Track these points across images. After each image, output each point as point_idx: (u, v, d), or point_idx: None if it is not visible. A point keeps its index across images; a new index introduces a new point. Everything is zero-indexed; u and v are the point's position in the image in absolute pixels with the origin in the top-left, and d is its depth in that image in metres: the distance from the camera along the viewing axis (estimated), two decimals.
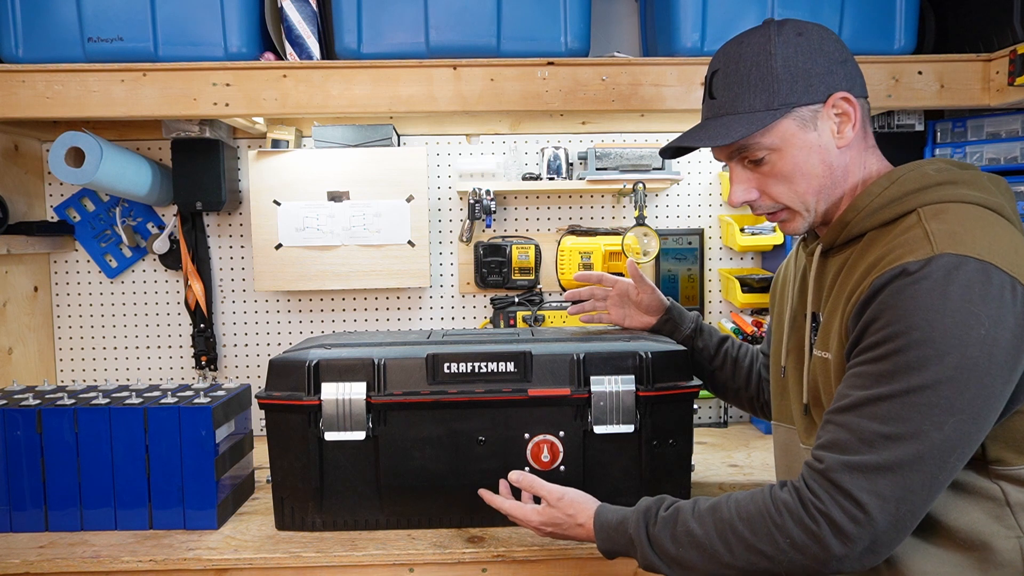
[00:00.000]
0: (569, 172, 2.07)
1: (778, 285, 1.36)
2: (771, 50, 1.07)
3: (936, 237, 0.94)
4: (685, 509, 1.06)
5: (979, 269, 0.91)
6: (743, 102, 1.08)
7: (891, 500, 0.90)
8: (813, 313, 1.15)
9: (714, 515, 1.03)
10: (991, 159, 1.77)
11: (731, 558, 0.99)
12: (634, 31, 2.02)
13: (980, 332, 0.89)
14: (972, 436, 0.91)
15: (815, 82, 1.06)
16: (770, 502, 0.98)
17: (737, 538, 0.99)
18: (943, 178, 1.03)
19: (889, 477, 0.90)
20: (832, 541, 0.92)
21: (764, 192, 1.12)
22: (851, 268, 1.06)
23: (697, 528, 1.03)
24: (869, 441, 0.92)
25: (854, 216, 1.07)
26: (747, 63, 1.08)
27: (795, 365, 1.20)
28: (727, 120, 1.09)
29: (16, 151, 1.96)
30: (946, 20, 1.79)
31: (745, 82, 1.08)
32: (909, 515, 0.92)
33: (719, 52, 1.14)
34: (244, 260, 2.12)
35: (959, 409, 0.89)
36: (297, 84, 1.58)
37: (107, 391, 1.52)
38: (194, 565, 1.31)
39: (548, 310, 2.10)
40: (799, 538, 0.94)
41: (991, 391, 0.90)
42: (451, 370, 1.38)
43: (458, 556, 1.32)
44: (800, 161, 1.08)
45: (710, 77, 1.13)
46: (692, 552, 1.02)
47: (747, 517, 0.99)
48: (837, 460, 0.93)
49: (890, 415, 0.91)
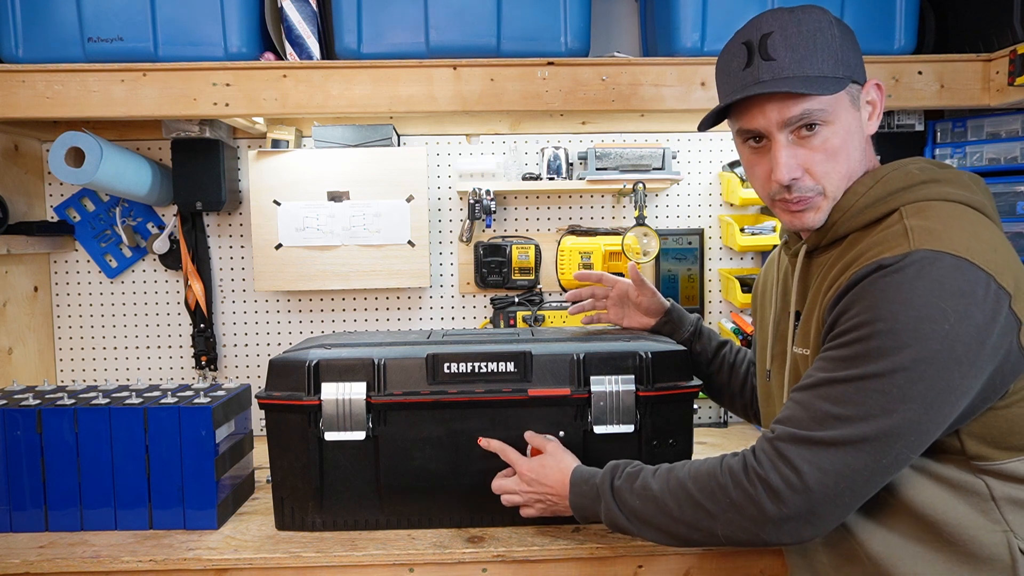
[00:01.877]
0: (569, 172, 2.07)
1: (758, 291, 1.37)
2: (831, 20, 1.05)
3: (914, 233, 0.95)
4: (648, 469, 1.15)
5: (954, 265, 0.92)
6: (811, 63, 1.03)
7: (830, 473, 0.94)
8: (796, 312, 1.15)
9: (670, 474, 1.10)
10: (991, 159, 1.77)
11: (679, 513, 1.06)
12: (634, 31, 2.02)
13: (944, 327, 0.90)
14: (922, 426, 0.93)
15: (860, 64, 1.08)
16: (718, 465, 1.04)
17: (685, 494, 1.05)
18: (927, 176, 1.03)
19: (831, 452, 0.94)
20: (767, 503, 0.96)
21: (808, 170, 1.07)
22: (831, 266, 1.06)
23: (654, 484, 1.10)
24: (820, 419, 0.95)
25: (839, 216, 1.07)
26: (810, 27, 1.04)
27: (779, 369, 1.21)
28: (795, 82, 1.02)
29: (16, 151, 1.96)
30: (946, 20, 1.79)
31: (810, 45, 1.03)
32: (848, 492, 0.94)
33: (762, 18, 1.06)
34: (244, 260, 2.12)
35: (910, 398, 0.91)
36: (297, 84, 1.58)
37: (107, 391, 1.52)
38: (194, 565, 1.31)
39: (548, 310, 2.10)
40: (737, 498, 0.99)
41: (948, 384, 0.91)
42: (451, 370, 1.38)
43: (458, 556, 1.32)
44: (847, 139, 1.06)
45: (760, 39, 1.05)
46: (648, 505, 1.09)
47: (696, 476, 1.06)
48: (786, 431, 0.98)
49: (843, 398, 0.94)
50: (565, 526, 1.41)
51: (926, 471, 0.99)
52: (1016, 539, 0.96)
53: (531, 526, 1.41)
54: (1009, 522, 0.97)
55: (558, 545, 1.34)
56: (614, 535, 1.35)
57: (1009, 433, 0.97)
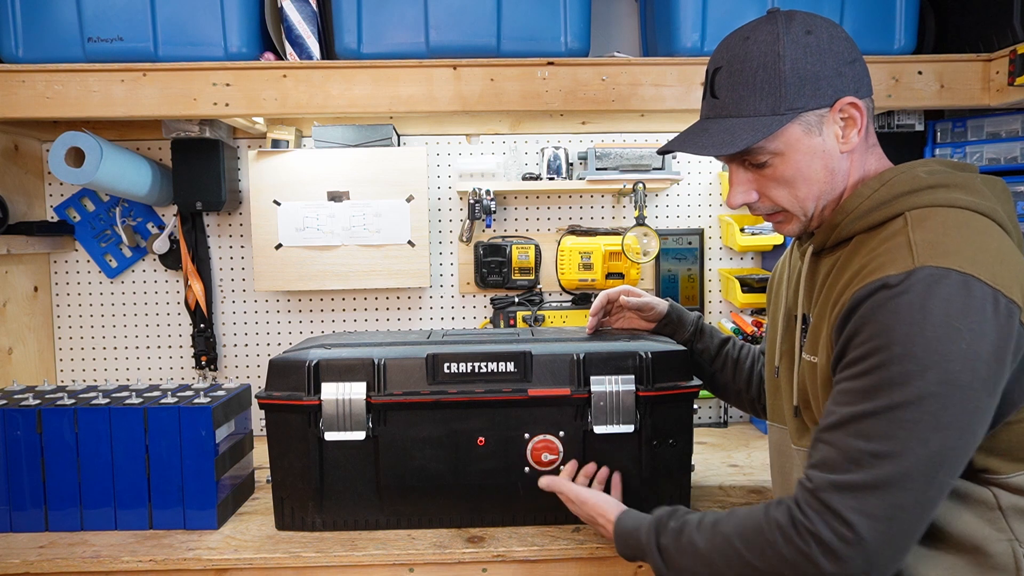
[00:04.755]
0: (569, 172, 2.07)
1: (773, 285, 1.36)
2: (779, 51, 1.02)
3: (918, 248, 0.93)
4: (692, 522, 1.08)
5: (960, 282, 0.90)
6: (748, 105, 1.04)
7: (881, 519, 0.89)
8: (803, 315, 1.15)
9: (715, 529, 1.04)
10: (991, 159, 1.77)
11: (728, 572, 1.00)
12: (634, 31, 2.02)
13: (961, 346, 0.88)
14: (959, 451, 0.90)
15: (823, 86, 1.03)
16: (763, 520, 0.98)
17: (734, 553, 0.99)
18: (934, 181, 1.01)
19: (877, 495, 0.89)
20: (822, 560, 0.91)
21: (764, 194, 1.10)
22: (839, 272, 1.05)
23: (699, 541, 1.04)
24: (856, 459, 0.91)
25: (843, 219, 1.06)
26: (753, 64, 1.04)
27: (787, 366, 1.20)
28: (730, 123, 1.05)
29: (16, 151, 1.96)
30: (946, 20, 1.79)
31: (750, 84, 1.04)
32: (901, 534, 0.90)
33: (721, 47, 1.09)
34: (244, 260, 2.12)
35: (944, 424, 0.88)
36: (297, 84, 1.58)
37: (107, 391, 1.52)
38: (194, 565, 1.31)
39: (548, 310, 2.10)
40: (790, 556, 0.94)
41: (976, 404, 0.89)
42: (451, 370, 1.38)
43: (458, 556, 1.32)
44: (803, 166, 1.06)
45: (712, 74, 1.09)
46: (696, 563, 1.04)
47: (743, 533, 1.00)
48: (825, 480, 0.93)
49: (875, 432, 0.90)
50: (565, 526, 1.41)
51: None
52: (1021, 548, 0.96)
53: (531, 526, 1.41)
54: (1015, 531, 0.97)
55: (558, 545, 1.34)
56: None
57: (1017, 447, 0.97)
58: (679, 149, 1.12)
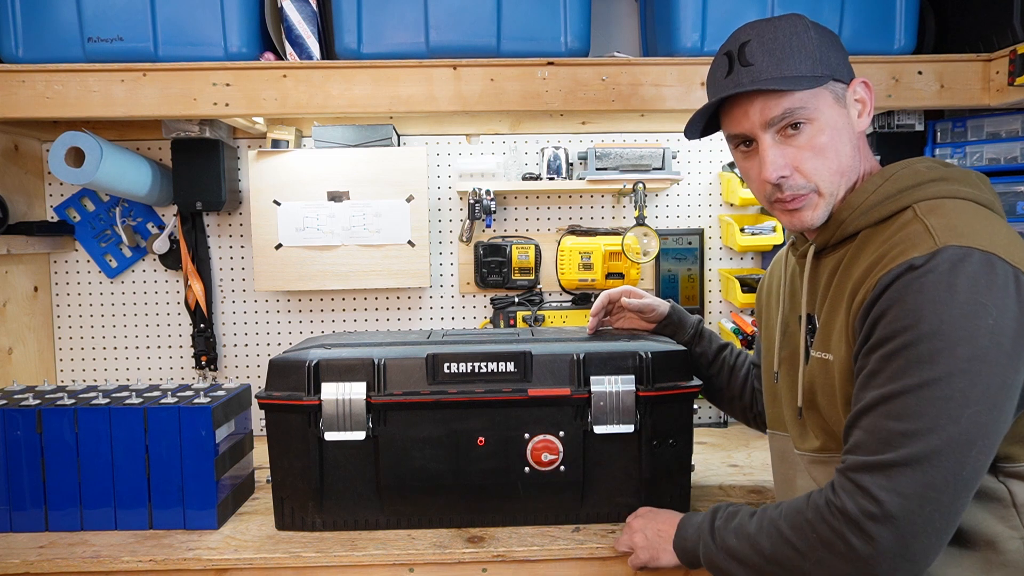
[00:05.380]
0: (569, 172, 2.07)
1: (763, 293, 1.36)
2: (807, 25, 1.07)
3: (937, 231, 0.95)
4: (747, 508, 1.12)
5: (984, 260, 0.91)
6: (788, 65, 1.05)
7: (912, 497, 0.89)
8: (808, 315, 1.15)
9: (765, 512, 1.07)
10: (991, 159, 1.77)
11: (771, 551, 1.02)
12: (634, 31, 2.02)
13: (988, 322, 0.89)
14: (990, 428, 0.90)
15: (842, 64, 1.08)
16: (805, 502, 1.01)
17: (777, 532, 1.02)
18: (936, 175, 1.04)
19: (907, 474, 0.89)
20: (853, 539, 0.92)
21: (797, 168, 1.08)
22: (848, 267, 1.05)
23: (750, 524, 1.07)
24: (887, 439, 0.92)
25: (849, 214, 1.07)
26: (785, 33, 1.07)
27: (788, 370, 1.20)
28: (771, 81, 1.05)
29: (16, 151, 1.96)
30: (946, 20, 1.79)
31: (787, 48, 1.06)
32: (935, 514, 0.89)
33: (742, 29, 1.10)
34: (244, 260, 2.12)
35: (974, 400, 0.88)
36: (297, 84, 1.58)
37: (107, 391, 1.52)
38: (194, 565, 1.31)
39: (548, 310, 2.10)
40: (824, 535, 0.95)
41: (1004, 380, 0.89)
42: (451, 370, 1.38)
43: (458, 556, 1.32)
44: (835, 135, 1.07)
45: (739, 48, 1.08)
46: (743, 543, 1.06)
47: (787, 515, 1.02)
48: (858, 461, 0.94)
49: (905, 411, 0.91)
50: (565, 526, 1.41)
51: None
52: None
53: (531, 526, 1.41)
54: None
55: (558, 545, 1.34)
56: (614, 535, 1.35)
57: None
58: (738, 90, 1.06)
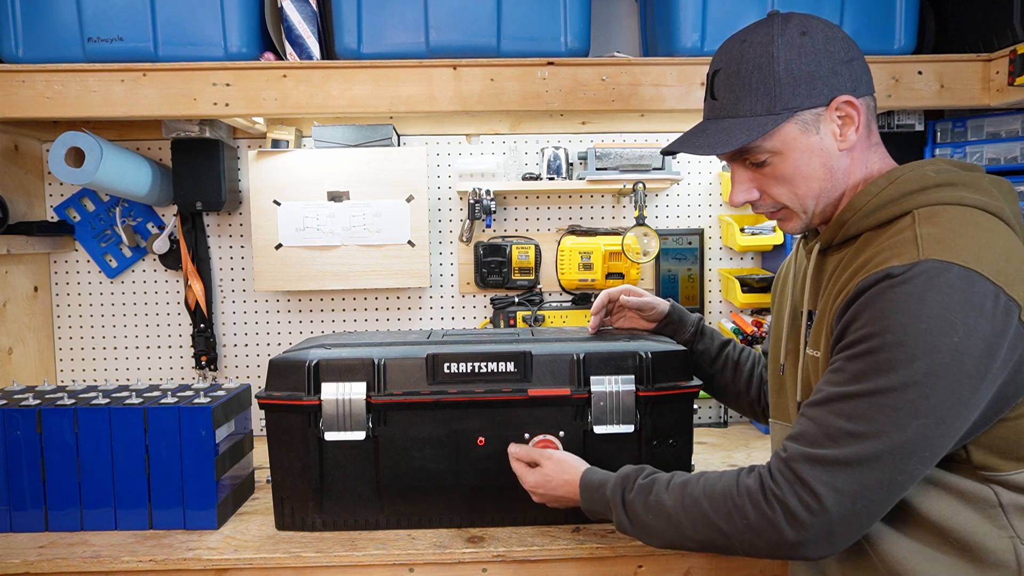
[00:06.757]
0: (569, 172, 2.07)
1: (779, 283, 1.36)
2: (773, 53, 1.05)
3: (924, 242, 0.95)
4: (661, 480, 1.12)
5: (962, 277, 0.91)
6: (744, 105, 1.07)
7: (847, 494, 0.93)
8: (809, 311, 1.15)
9: (684, 489, 1.08)
10: (991, 159, 1.77)
11: (692, 531, 1.05)
12: (634, 31, 2.02)
13: (953, 340, 0.90)
14: (935, 441, 0.92)
15: (818, 85, 1.05)
16: (734, 485, 1.03)
17: (700, 513, 1.04)
18: (942, 180, 1.02)
19: (847, 472, 0.93)
20: (785, 527, 0.96)
21: (765, 192, 1.12)
22: (844, 267, 1.06)
23: (667, 499, 1.09)
24: (833, 436, 0.95)
25: (851, 216, 1.07)
26: (749, 65, 1.07)
27: (793, 363, 1.21)
28: (728, 123, 1.08)
29: (16, 151, 1.96)
30: (946, 20, 1.79)
31: (747, 85, 1.07)
32: (864, 511, 0.94)
33: (721, 50, 1.13)
34: (244, 260, 2.12)
35: (923, 413, 0.91)
36: (297, 84, 1.58)
37: (107, 391, 1.52)
38: (194, 565, 1.31)
39: (548, 310, 2.10)
40: (755, 521, 0.98)
41: (959, 398, 0.91)
42: (451, 370, 1.38)
43: (458, 556, 1.32)
44: (801, 164, 1.08)
45: (711, 76, 1.12)
46: (660, 520, 1.08)
47: (712, 496, 1.04)
48: (801, 451, 0.97)
49: (856, 413, 0.94)
50: (565, 526, 1.41)
51: (933, 479, 0.99)
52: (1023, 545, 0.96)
53: (531, 526, 1.41)
54: (1016, 528, 0.97)
55: (558, 545, 1.34)
56: (614, 535, 1.35)
57: (1016, 445, 0.97)
58: (680, 150, 1.15)
